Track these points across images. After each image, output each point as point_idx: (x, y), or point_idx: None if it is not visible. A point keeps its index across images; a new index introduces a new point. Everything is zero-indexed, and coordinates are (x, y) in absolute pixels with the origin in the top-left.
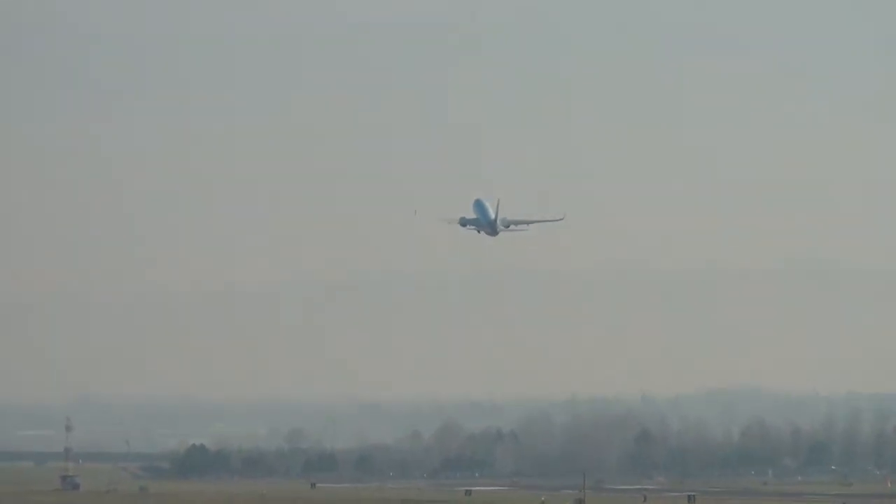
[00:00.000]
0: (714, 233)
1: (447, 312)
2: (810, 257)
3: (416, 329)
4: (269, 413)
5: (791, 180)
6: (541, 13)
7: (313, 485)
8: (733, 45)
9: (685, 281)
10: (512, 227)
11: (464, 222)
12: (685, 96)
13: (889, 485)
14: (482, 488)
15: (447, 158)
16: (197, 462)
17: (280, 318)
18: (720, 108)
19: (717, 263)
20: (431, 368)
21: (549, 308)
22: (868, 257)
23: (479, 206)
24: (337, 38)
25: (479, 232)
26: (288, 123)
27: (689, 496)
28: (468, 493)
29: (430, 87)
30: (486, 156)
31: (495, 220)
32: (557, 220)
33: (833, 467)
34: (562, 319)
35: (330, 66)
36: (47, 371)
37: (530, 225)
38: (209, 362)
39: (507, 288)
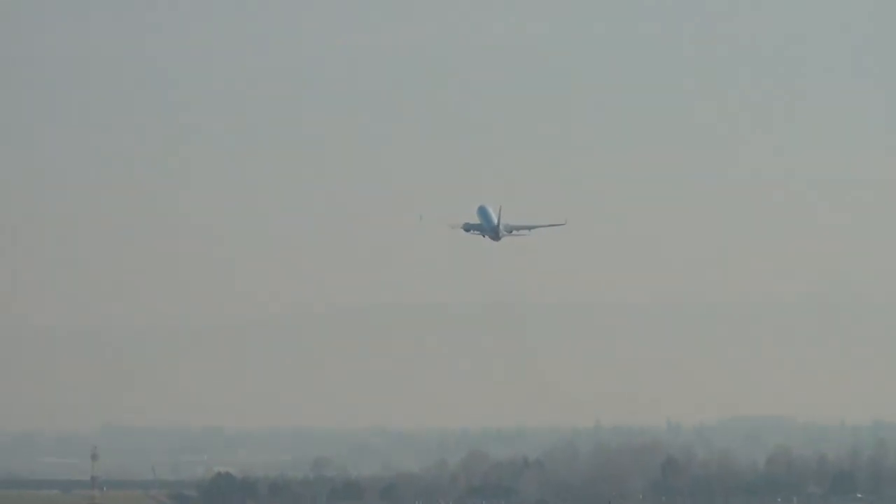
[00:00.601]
0: (741, 263)
1: (473, 341)
2: (836, 288)
3: (441, 357)
4: (294, 441)
5: (818, 212)
6: (545, 16)
7: None
8: (752, 58)
9: (711, 310)
10: (514, 232)
11: (468, 228)
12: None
13: None
14: None
15: (450, 164)
16: (223, 490)
17: (305, 346)
18: (749, 128)
19: (745, 293)
20: (457, 397)
21: (575, 337)
22: (893, 288)
23: (482, 211)
24: (342, 50)
25: (483, 237)
26: (292, 134)
27: None
28: None
29: (432, 94)
30: (488, 161)
31: (498, 225)
32: (559, 226)
33: (858, 495)
34: (587, 348)
35: (332, 72)
36: (74, 399)
37: (532, 230)
38: (235, 390)
39: (533, 317)
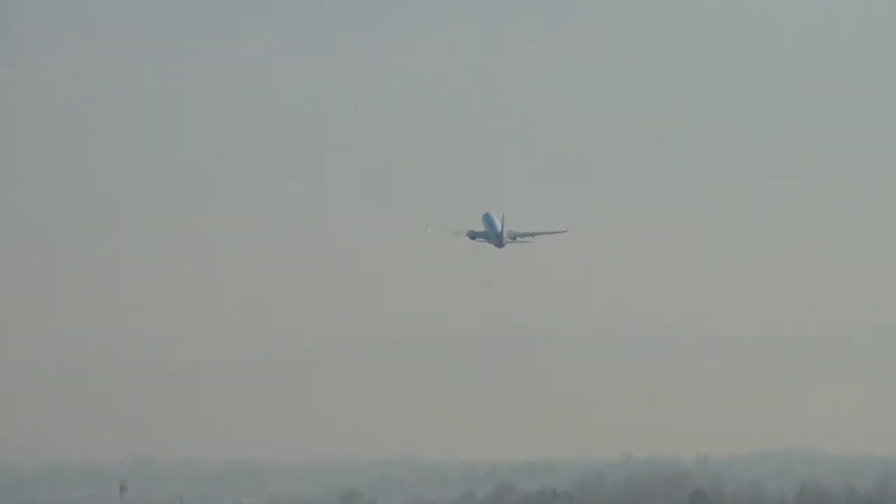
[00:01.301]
0: (771, 294)
1: (501, 371)
2: (866, 319)
3: (470, 389)
4: (323, 473)
5: (842, 241)
6: (553, 29)
7: None
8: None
9: (740, 342)
10: (518, 238)
11: (473, 235)
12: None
13: None
14: None
15: (455, 174)
16: None
17: (334, 377)
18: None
19: (773, 325)
20: (485, 428)
21: (604, 368)
22: None
23: (487, 219)
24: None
25: (490, 243)
26: (296, 143)
27: None
28: None
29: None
30: (493, 170)
31: (501, 232)
32: (561, 233)
33: None
34: (616, 379)
35: (335, 76)
36: (102, 431)
37: (535, 237)
38: (263, 422)
39: (561, 348)
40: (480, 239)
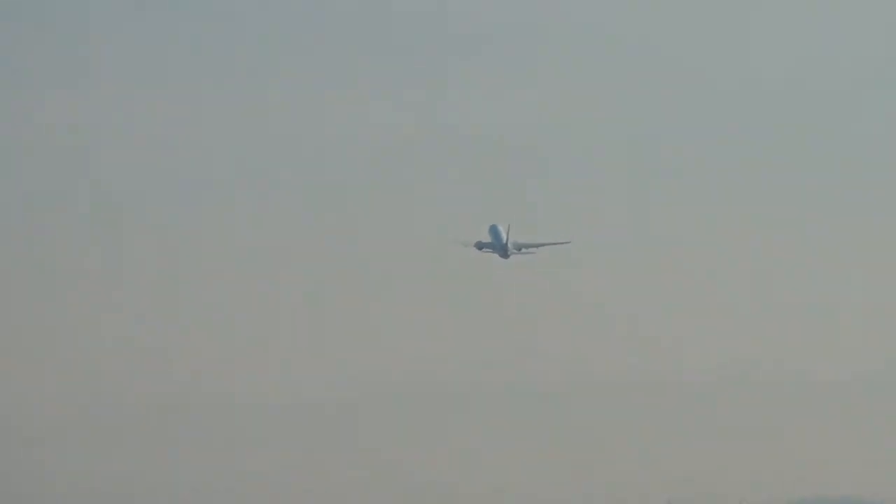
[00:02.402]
0: (814, 339)
1: (536, 415)
2: None
3: (503, 433)
4: None
5: (879, 280)
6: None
7: None
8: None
9: (784, 387)
10: (523, 249)
11: (479, 246)
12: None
13: None
14: None
15: (461, 185)
16: None
17: (371, 426)
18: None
19: (818, 369)
20: (522, 472)
21: (652, 416)
22: None
23: (493, 230)
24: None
25: (495, 253)
26: (302, 155)
27: None
28: None
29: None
30: (499, 180)
31: (507, 243)
32: (564, 244)
33: None
34: (664, 428)
35: (340, 82)
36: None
37: (539, 248)
38: (311, 476)
39: (608, 397)
40: (487, 249)
